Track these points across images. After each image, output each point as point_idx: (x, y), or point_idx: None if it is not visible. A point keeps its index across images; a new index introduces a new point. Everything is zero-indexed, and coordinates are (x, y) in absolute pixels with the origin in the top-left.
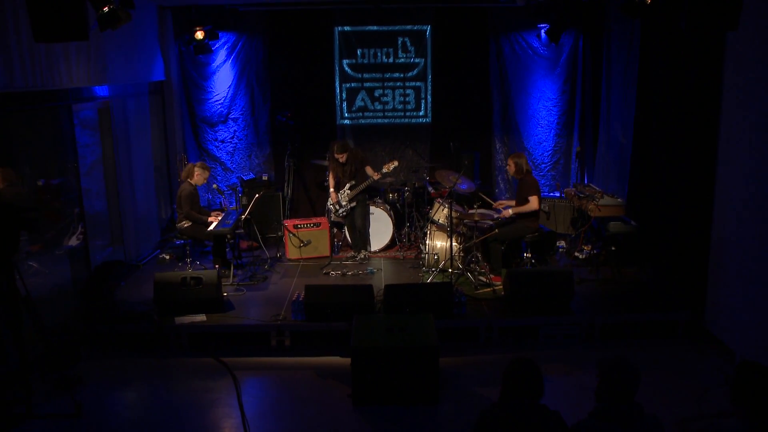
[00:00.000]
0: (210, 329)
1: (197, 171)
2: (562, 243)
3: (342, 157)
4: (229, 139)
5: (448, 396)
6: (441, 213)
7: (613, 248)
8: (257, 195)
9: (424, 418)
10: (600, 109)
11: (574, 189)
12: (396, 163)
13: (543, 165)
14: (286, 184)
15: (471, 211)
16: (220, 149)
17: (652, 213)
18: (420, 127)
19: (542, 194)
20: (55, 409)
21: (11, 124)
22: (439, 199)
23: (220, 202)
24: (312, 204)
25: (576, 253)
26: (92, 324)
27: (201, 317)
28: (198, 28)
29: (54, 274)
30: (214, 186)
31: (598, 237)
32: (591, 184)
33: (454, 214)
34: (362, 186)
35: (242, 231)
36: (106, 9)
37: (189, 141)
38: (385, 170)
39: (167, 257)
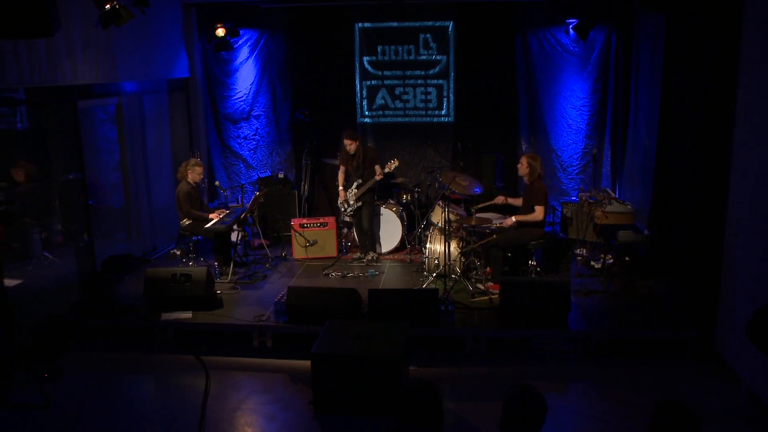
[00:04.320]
0: (194, 327)
1: (190, 169)
2: (582, 250)
3: (350, 146)
4: (252, 136)
5: None
6: (441, 215)
7: (627, 258)
8: (257, 194)
9: (385, 430)
10: (629, 109)
11: (587, 193)
12: (396, 163)
13: (571, 168)
14: (303, 183)
15: (478, 215)
16: (243, 146)
17: (668, 223)
18: (442, 127)
19: (568, 198)
20: (29, 399)
21: (35, 119)
22: (439, 201)
23: (237, 199)
24: (331, 203)
25: (592, 263)
26: (84, 316)
27: (187, 314)
28: (219, 25)
29: (66, 267)
30: (216, 183)
31: (611, 246)
32: (606, 189)
33: (455, 218)
34: (368, 185)
35: (255, 228)
36: (107, 6)
37: (212, 138)
38: (386, 169)
39: (178, 252)
